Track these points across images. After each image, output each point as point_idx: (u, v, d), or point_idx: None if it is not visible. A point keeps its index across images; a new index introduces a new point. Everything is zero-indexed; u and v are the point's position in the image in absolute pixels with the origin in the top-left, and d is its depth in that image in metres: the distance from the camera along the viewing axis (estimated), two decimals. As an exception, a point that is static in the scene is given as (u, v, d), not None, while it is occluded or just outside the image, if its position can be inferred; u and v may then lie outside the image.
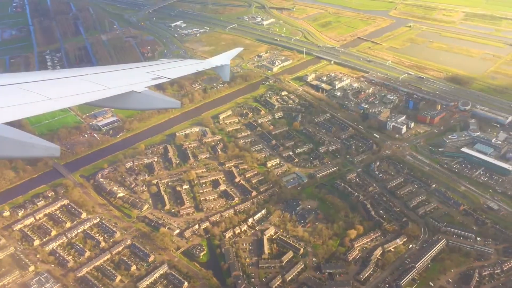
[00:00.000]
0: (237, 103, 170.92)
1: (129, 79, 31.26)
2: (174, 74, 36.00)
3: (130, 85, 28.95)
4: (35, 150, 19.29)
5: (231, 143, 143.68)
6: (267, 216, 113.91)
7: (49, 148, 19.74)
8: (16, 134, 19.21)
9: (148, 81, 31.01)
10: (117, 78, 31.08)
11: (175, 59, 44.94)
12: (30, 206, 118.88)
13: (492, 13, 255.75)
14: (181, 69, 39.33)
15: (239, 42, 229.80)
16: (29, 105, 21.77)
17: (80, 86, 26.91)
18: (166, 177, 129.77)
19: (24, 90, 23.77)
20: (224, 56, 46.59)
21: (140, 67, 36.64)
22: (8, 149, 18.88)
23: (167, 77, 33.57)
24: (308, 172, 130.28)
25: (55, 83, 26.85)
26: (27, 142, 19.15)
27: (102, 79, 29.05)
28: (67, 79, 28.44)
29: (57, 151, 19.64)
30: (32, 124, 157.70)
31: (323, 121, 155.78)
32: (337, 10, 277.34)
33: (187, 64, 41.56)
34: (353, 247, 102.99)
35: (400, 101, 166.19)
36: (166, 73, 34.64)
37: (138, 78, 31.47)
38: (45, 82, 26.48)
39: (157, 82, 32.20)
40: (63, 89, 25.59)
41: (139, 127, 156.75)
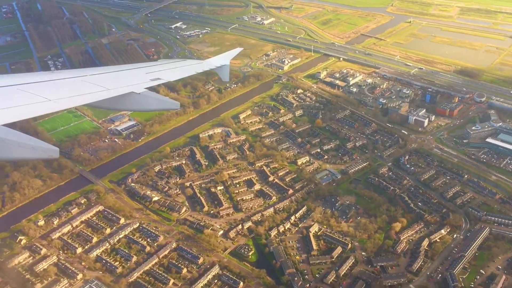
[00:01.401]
0: (254, 103, 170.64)
1: (128, 80, 31.35)
2: (174, 76, 36.15)
3: (130, 86, 29.07)
4: (35, 152, 19.55)
5: (257, 142, 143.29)
6: (308, 213, 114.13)
7: (48, 150, 20.01)
8: (16, 136, 19.44)
9: (147, 82, 31.15)
10: (116, 79, 31.19)
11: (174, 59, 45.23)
12: (64, 214, 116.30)
13: (486, 7, 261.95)
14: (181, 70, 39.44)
15: (244, 42, 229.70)
16: (28, 107, 21.87)
17: (80, 87, 26.99)
18: (198, 179, 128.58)
19: (23, 92, 23.78)
20: (224, 57, 46.92)
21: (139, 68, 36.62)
22: (7, 150, 19.07)
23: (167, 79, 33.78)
24: (340, 168, 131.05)
25: (55, 84, 26.88)
26: (27, 143, 19.34)
27: (102, 80, 29.15)
28: (66, 80, 28.47)
29: (56, 152, 19.96)
30: (48, 131, 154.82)
31: (344, 117, 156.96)
32: (335, 8, 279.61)
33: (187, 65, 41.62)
34: (399, 239, 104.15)
35: (416, 95, 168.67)
36: (165, 75, 34.87)
37: (138, 79, 31.63)
38: (44, 83, 26.49)
39: (157, 83, 32.40)
40: (63, 90, 25.66)
41: (160, 130, 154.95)
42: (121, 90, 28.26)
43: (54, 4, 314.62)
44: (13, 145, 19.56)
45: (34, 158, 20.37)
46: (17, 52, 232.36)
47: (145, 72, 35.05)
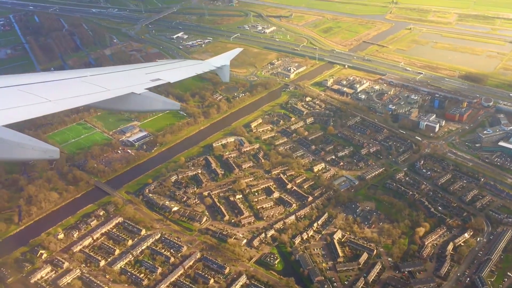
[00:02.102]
0: (264, 111, 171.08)
1: (128, 81, 31.49)
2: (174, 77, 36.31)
3: (130, 87, 29.27)
4: (35, 152, 19.85)
5: (272, 150, 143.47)
6: (330, 220, 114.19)
7: (48, 150, 20.31)
8: (16, 136, 19.72)
9: (147, 83, 31.35)
10: (116, 80, 31.30)
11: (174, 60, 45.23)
12: (83, 226, 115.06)
13: (484, 14, 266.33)
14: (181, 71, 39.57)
15: (247, 51, 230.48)
16: (28, 107, 22.08)
17: (80, 88, 27.13)
18: (215, 188, 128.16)
19: (23, 92, 23.91)
20: (223, 57, 47.13)
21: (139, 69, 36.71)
22: (8, 151, 19.34)
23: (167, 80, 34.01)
24: (356, 175, 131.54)
25: (54, 85, 26.99)
26: (27, 144, 19.63)
27: (102, 81, 29.27)
28: (66, 81, 28.54)
29: (57, 153, 20.28)
30: (59, 144, 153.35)
31: (355, 124, 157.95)
32: (334, 16, 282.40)
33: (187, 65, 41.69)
34: (424, 244, 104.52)
35: (424, 101, 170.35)
36: (165, 75, 35.03)
37: (138, 80, 31.77)
38: (44, 84, 26.62)
39: (156, 83, 32.62)
40: (63, 91, 25.77)
41: (172, 140, 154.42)
42: (121, 91, 28.26)
43: (52, 16, 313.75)
44: (14, 146, 19.68)
45: (35, 158, 20.44)
46: (19, 65, 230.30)
47: (145, 73, 35.05)
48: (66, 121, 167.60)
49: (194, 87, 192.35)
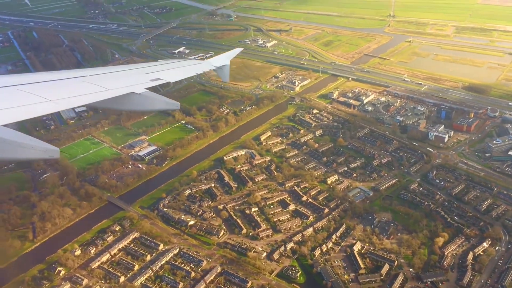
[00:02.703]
0: (272, 124, 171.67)
1: (128, 80, 31.64)
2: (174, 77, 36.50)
3: (130, 87, 29.42)
4: (35, 152, 20.02)
5: (284, 163, 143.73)
6: (348, 232, 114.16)
7: (48, 150, 20.49)
8: (16, 136, 19.90)
9: (147, 83, 31.50)
10: (116, 80, 31.37)
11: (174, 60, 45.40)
12: (100, 242, 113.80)
13: (480, 26, 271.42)
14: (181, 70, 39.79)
15: (250, 65, 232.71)
16: (28, 107, 22.24)
17: (80, 87, 27.24)
18: (230, 202, 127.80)
19: (23, 92, 24.04)
20: (223, 57, 47.54)
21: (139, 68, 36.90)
22: (8, 150, 19.49)
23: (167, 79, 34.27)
24: (370, 186, 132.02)
25: (54, 84, 27.09)
26: (27, 143, 19.83)
27: (102, 81, 29.37)
28: (66, 81, 28.58)
29: (57, 153, 20.49)
30: (68, 159, 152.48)
31: (364, 135, 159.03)
32: (333, 30, 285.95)
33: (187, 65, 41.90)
34: (444, 254, 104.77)
35: (430, 112, 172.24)
36: (165, 75, 35.18)
37: (138, 80, 31.93)
38: (44, 83, 26.69)
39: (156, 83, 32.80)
40: (62, 91, 25.89)
41: (182, 154, 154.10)
42: (121, 91, 28.23)
43: (51, 32, 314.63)
44: (14, 145, 19.64)
45: (35, 158, 20.36)
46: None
47: (145, 73, 35.05)
48: (73, 136, 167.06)
49: (200, 101, 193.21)
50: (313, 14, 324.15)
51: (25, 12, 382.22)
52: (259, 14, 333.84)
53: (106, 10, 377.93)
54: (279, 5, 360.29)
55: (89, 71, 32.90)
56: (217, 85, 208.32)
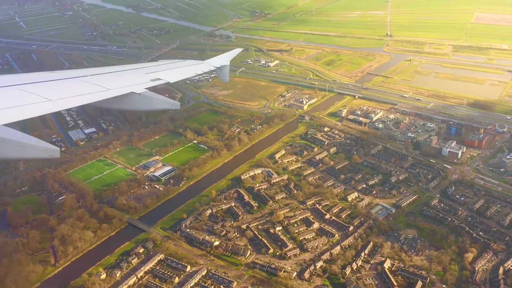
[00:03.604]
0: (285, 142, 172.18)
1: (128, 80, 32.01)
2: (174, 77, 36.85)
3: (130, 86, 29.85)
4: (35, 152, 20.32)
5: (303, 181, 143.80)
6: (376, 249, 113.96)
7: (49, 150, 20.79)
8: (16, 136, 20.17)
9: (147, 83, 31.92)
10: (116, 80, 31.69)
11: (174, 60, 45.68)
12: (125, 265, 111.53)
13: (477, 45, 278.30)
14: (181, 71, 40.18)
15: (255, 84, 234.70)
16: (28, 107, 22.52)
17: (80, 87, 27.52)
18: (253, 221, 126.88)
19: (24, 92, 24.28)
20: (223, 57, 48.34)
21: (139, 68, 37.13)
22: (8, 150, 19.71)
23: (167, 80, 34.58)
24: (391, 202, 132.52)
25: (55, 84, 27.29)
26: (27, 143, 20.15)
27: (102, 80, 29.76)
28: (66, 81, 28.76)
29: (57, 152, 20.81)
30: (83, 181, 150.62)
31: (378, 152, 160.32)
32: (334, 49, 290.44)
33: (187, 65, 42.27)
34: (475, 269, 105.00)
35: (440, 128, 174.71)
36: (165, 75, 35.53)
37: (138, 80, 32.33)
38: (44, 83, 26.87)
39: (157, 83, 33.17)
40: (63, 91, 26.12)
41: (198, 174, 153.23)
42: (121, 90, 28.34)
43: (51, 54, 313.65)
44: (14, 145, 19.60)
45: (35, 157, 20.25)
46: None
47: (145, 73, 35.11)
48: (86, 158, 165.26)
49: (210, 120, 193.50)
50: (312, 35, 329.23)
51: (21, 35, 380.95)
52: (258, 35, 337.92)
53: (104, 32, 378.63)
54: (276, 26, 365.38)
55: (89, 71, 32.53)
56: (225, 105, 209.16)
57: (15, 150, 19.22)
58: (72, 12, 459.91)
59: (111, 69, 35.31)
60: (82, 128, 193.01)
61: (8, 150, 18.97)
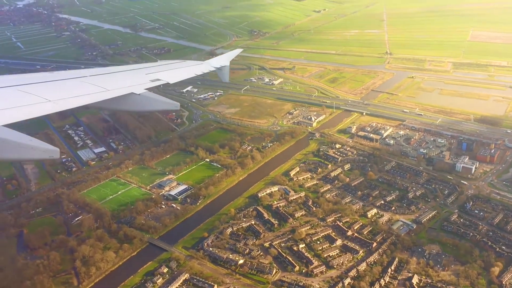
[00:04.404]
0: (298, 160, 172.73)
1: (128, 81, 32.35)
2: (174, 78, 37.22)
3: (129, 87, 30.17)
4: (35, 152, 20.82)
5: (321, 198, 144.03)
6: (402, 265, 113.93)
7: (48, 150, 21.31)
8: (16, 136, 20.69)
9: (147, 83, 32.27)
10: (116, 80, 31.98)
11: (174, 60, 45.92)
12: (150, 285, 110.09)
13: (476, 62, 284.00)
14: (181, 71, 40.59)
15: (261, 102, 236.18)
16: (28, 107, 22.97)
17: (80, 88, 27.89)
18: (275, 239, 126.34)
19: (23, 92, 24.71)
20: (223, 58, 49.10)
21: (139, 69, 37.52)
22: (8, 151, 20.16)
23: (167, 80, 34.96)
24: (411, 218, 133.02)
25: (54, 85, 27.69)
26: (27, 144, 20.64)
27: (101, 81, 30.11)
28: (66, 81, 29.14)
29: (57, 153, 21.32)
30: (98, 201, 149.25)
31: (392, 168, 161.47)
32: (335, 67, 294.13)
33: (187, 66, 42.68)
34: (502, 283, 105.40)
35: (450, 144, 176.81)
36: (165, 76, 35.84)
37: (137, 80, 32.66)
38: (44, 84, 27.27)
39: (156, 84, 33.56)
40: (62, 91, 26.52)
41: (215, 192, 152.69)
42: (121, 91, 28.54)
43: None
44: (14, 146, 19.95)
45: (35, 158, 20.81)
46: (30, 123, 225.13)
47: (144, 73, 35.26)
48: (99, 177, 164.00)
49: (220, 138, 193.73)
50: (312, 53, 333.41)
51: (20, 55, 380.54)
52: (259, 53, 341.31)
53: (103, 51, 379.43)
54: (276, 44, 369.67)
55: (88, 71, 32.38)
56: (233, 123, 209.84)
57: (15, 151, 19.29)
58: (69, 32, 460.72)
59: (110, 69, 35.14)
60: (91, 147, 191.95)
61: (8, 151, 19.02)
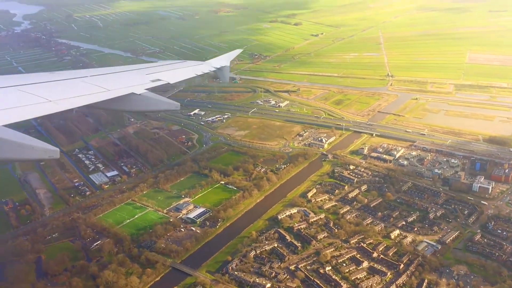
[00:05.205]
0: (314, 181, 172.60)
1: (128, 81, 32.87)
2: (174, 78, 37.80)
3: (130, 87, 30.66)
4: (35, 152, 21.14)
5: (341, 219, 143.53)
6: (432, 287, 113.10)
7: (49, 150, 21.65)
8: (16, 136, 21.05)
9: (147, 83, 32.85)
10: (116, 80, 32.41)
11: (175, 61, 46.34)
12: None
13: (477, 83, 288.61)
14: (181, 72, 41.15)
15: (270, 125, 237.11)
16: (29, 107, 23.34)
17: (80, 88, 28.28)
18: (300, 261, 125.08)
19: (24, 92, 25.07)
20: (223, 58, 49.76)
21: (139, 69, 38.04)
22: (8, 151, 20.48)
23: (167, 80, 35.53)
24: (435, 239, 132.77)
25: (55, 85, 28.03)
26: (27, 144, 20.99)
27: (102, 81, 30.56)
28: (66, 81, 29.52)
29: (57, 153, 21.66)
30: (116, 225, 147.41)
31: (408, 189, 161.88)
32: (339, 89, 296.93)
33: (187, 66, 43.26)
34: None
35: (463, 164, 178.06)
36: (166, 76, 36.39)
37: (138, 80, 33.18)
38: (45, 84, 27.61)
39: (157, 84, 34.12)
40: (63, 91, 26.90)
41: (233, 215, 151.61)
42: (121, 91, 28.78)
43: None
44: (14, 146, 20.09)
45: (35, 158, 20.71)
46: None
47: (145, 73, 35.62)
48: (114, 201, 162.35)
49: (233, 160, 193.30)
50: (315, 75, 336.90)
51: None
52: (262, 76, 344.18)
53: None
54: (278, 67, 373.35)
55: (89, 71, 32.42)
56: (245, 145, 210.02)
57: (15, 151, 19.16)
58: (70, 56, 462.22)
59: (111, 69, 35.14)
60: (103, 171, 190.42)
61: (7, 151, 18.87)
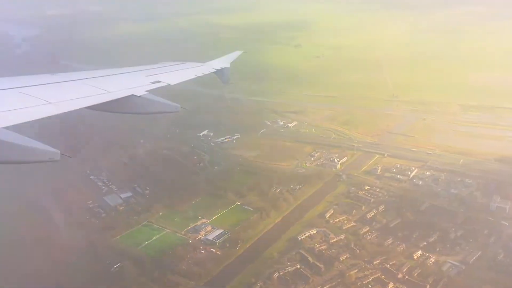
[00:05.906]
0: (330, 202, 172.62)
1: (128, 82, 33.69)
2: (174, 79, 38.64)
3: (130, 89, 31.47)
4: (35, 155, 21.50)
5: (362, 240, 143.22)
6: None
7: (49, 152, 22.08)
8: (16, 138, 21.48)
9: (148, 85, 33.80)
10: (117, 82, 33.19)
11: (175, 62, 46.85)
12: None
13: (481, 104, 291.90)
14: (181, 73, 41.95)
15: (281, 145, 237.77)
16: (28, 109, 23.85)
17: (80, 90, 28.91)
18: (324, 283, 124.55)
19: (23, 94, 25.65)
20: (224, 59, 50.47)
21: (139, 71, 39.06)
22: (7, 153, 20.86)
23: (168, 82, 36.53)
24: (458, 259, 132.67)
25: (55, 87, 28.59)
26: (27, 146, 21.39)
27: (102, 83, 31.34)
28: (66, 83, 30.19)
29: (57, 155, 22.10)
30: (135, 247, 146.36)
31: (426, 209, 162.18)
32: (345, 110, 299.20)
33: (187, 68, 44.12)
34: None
35: (478, 184, 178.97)
36: (166, 78, 37.28)
37: (138, 82, 34.08)
38: (44, 86, 28.12)
39: (157, 86, 35.05)
40: (63, 93, 27.49)
41: (252, 235, 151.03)
42: (121, 93, 29.41)
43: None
44: (13, 148, 20.32)
45: (35, 160, 20.77)
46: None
47: (145, 75, 36.43)
48: (130, 223, 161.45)
49: (248, 181, 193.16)
50: (320, 96, 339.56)
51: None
52: (267, 97, 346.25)
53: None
54: (283, 88, 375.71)
55: (88, 73, 32.88)
56: (258, 165, 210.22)
57: (15, 153, 19.18)
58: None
59: (110, 71, 35.79)
60: (117, 192, 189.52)
61: (7, 153, 18.95)
